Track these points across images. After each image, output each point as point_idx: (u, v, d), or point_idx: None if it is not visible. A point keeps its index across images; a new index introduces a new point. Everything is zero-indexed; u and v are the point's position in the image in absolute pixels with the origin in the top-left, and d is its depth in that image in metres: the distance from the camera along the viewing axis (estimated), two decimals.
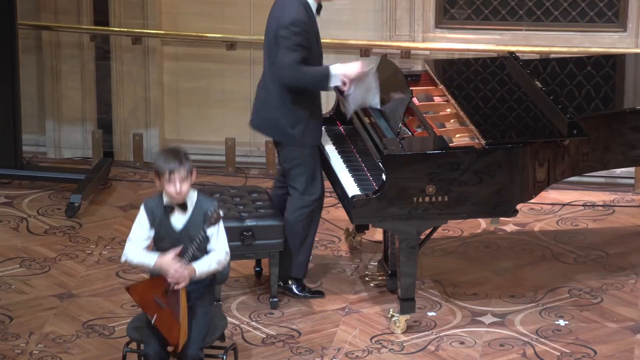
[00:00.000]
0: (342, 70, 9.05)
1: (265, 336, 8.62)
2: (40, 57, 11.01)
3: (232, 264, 8.11)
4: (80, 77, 10.95)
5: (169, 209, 7.50)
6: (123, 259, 7.60)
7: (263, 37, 9.57)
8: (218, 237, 7.63)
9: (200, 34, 10.56)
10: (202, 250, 7.58)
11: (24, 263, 9.49)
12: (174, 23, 10.78)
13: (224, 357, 7.78)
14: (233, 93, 11.00)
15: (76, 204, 10.11)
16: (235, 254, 8.22)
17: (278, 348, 8.48)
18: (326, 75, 9.01)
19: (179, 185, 7.38)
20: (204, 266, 7.54)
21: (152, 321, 7.54)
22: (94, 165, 10.70)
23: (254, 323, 8.76)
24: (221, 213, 7.51)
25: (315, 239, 9.66)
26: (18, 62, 10.42)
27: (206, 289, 7.70)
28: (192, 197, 7.55)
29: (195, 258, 7.53)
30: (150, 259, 7.49)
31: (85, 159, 10.97)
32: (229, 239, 7.99)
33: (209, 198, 7.70)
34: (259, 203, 9.08)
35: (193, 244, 7.46)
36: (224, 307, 8.61)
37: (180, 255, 7.47)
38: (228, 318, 8.20)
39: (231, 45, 10.85)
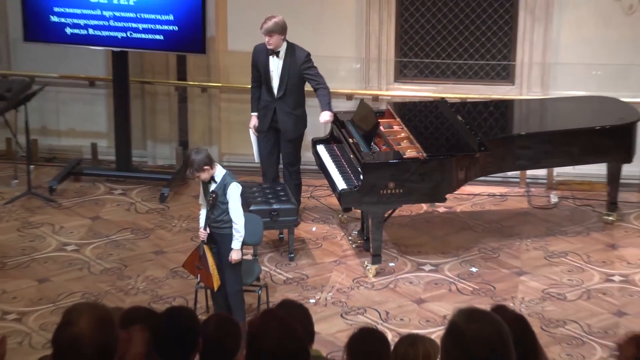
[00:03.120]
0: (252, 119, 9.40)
1: (285, 278, 8.70)
2: (143, 101, 10.79)
3: (264, 232, 8.32)
4: (168, 113, 10.84)
5: (208, 182, 7.51)
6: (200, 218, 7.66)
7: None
8: (233, 209, 7.50)
9: (245, 86, 10.09)
10: (224, 208, 7.49)
11: (133, 231, 9.49)
12: (227, 79, 10.60)
13: (259, 292, 8.00)
14: None
15: (166, 194, 10.05)
16: (265, 226, 8.34)
17: (293, 286, 8.59)
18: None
19: (197, 175, 7.45)
20: (237, 241, 7.54)
21: (198, 279, 7.70)
22: (176, 169, 10.59)
23: (278, 270, 8.84)
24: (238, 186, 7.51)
25: (317, 216, 9.76)
26: (129, 104, 10.35)
27: (226, 246, 7.58)
28: (220, 174, 7.49)
29: (218, 208, 7.49)
30: (202, 223, 7.59)
31: (171, 165, 10.79)
32: (263, 217, 8.30)
33: (233, 177, 7.58)
34: (281, 193, 9.06)
35: (217, 200, 7.46)
36: (259, 260, 8.62)
37: (211, 206, 7.47)
38: (261, 267, 8.48)
39: None
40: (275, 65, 9.19)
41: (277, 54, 9.12)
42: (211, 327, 4.87)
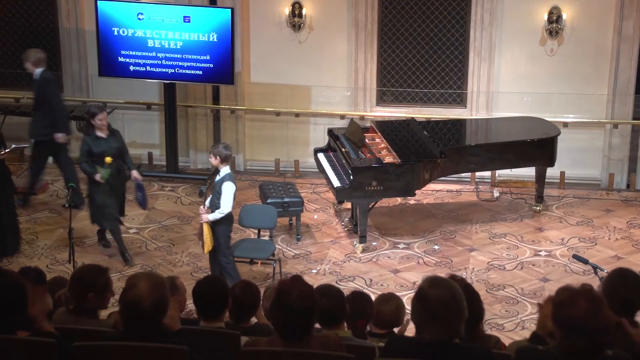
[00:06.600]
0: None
1: (293, 254, 8.62)
2: (187, 120, 10.68)
3: (278, 219, 8.21)
4: (205, 130, 10.71)
5: (214, 173, 7.47)
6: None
7: (292, 111, 9.66)
8: (223, 200, 7.29)
9: (263, 109, 10.42)
10: (218, 197, 7.29)
11: (179, 218, 9.42)
12: (250, 103, 10.50)
13: (274, 264, 7.91)
14: (279, 137, 10.62)
15: (203, 190, 8.99)
16: (279, 215, 8.28)
17: (300, 261, 8.52)
18: None
19: (211, 155, 7.36)
20: (214, 216, 7.34)
21: (200, 244, 7.59)
22: (212, 172, 9.45)
23: (288, 248, 8.76)
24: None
25: (318, 207, 9.54)
26: (176, 122, 10.28)
27: (217, 227, 7.37)
28: (224, 171, 7.31)
29: (214, 196, 7.29)
30: (207, 204, 7.42)
31: (208, 169, 10.35)
32: (277, 208, 8.13)
33: (232, 179, 7.32)
34: (291, 190, 8.99)
35: (214, 192, 7.34)
36: (274, 240, 8.49)
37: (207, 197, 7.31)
38: (276, 245, 8.37)
39: (278, 114, 10.42)
40: (35, 86, 9.06)
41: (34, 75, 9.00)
42: (237, 290, 4.94)
